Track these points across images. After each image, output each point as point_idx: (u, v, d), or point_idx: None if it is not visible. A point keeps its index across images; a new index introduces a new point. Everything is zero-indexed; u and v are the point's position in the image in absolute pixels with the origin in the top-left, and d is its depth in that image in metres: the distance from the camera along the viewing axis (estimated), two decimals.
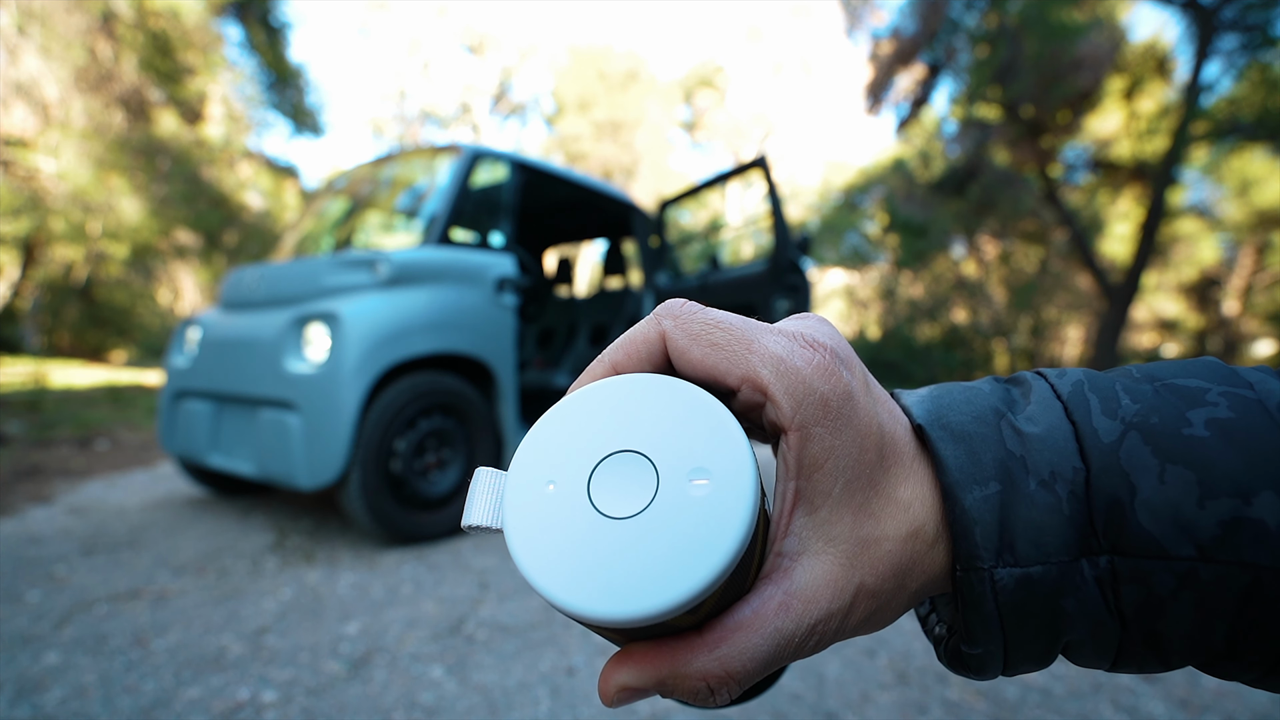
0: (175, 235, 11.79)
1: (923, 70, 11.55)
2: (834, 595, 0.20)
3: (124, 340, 14.76)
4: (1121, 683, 1.54)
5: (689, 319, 0.21)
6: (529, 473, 0.20)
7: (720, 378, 0.20)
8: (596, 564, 0.18)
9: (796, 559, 0.20)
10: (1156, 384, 0.21)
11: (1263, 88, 8.42)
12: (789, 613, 0.19)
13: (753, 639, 0.19)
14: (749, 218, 5.75)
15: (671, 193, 3.71)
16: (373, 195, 3.53)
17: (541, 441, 0.21)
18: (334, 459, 2.30)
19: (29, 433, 4.74)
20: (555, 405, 0.22)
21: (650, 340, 0.22)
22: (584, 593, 0.18)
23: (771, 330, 0.21)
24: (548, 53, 21.81)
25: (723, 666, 0.19)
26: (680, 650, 0.19)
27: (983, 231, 13.19)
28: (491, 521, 0.20)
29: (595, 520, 0.19)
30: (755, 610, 0.19)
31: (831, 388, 0.20)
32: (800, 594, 0.19)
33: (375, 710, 1.39)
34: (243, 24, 12.19)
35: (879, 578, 0.20)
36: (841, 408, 0.20)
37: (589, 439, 0.20)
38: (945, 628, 0.24)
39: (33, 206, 9.36)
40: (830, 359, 0.20)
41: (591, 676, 1.55)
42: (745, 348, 0.20)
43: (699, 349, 0.21)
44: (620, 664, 0.20)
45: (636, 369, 0.22)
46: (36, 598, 1.95)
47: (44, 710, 1.37)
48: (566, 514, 0.19)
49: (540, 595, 0.18)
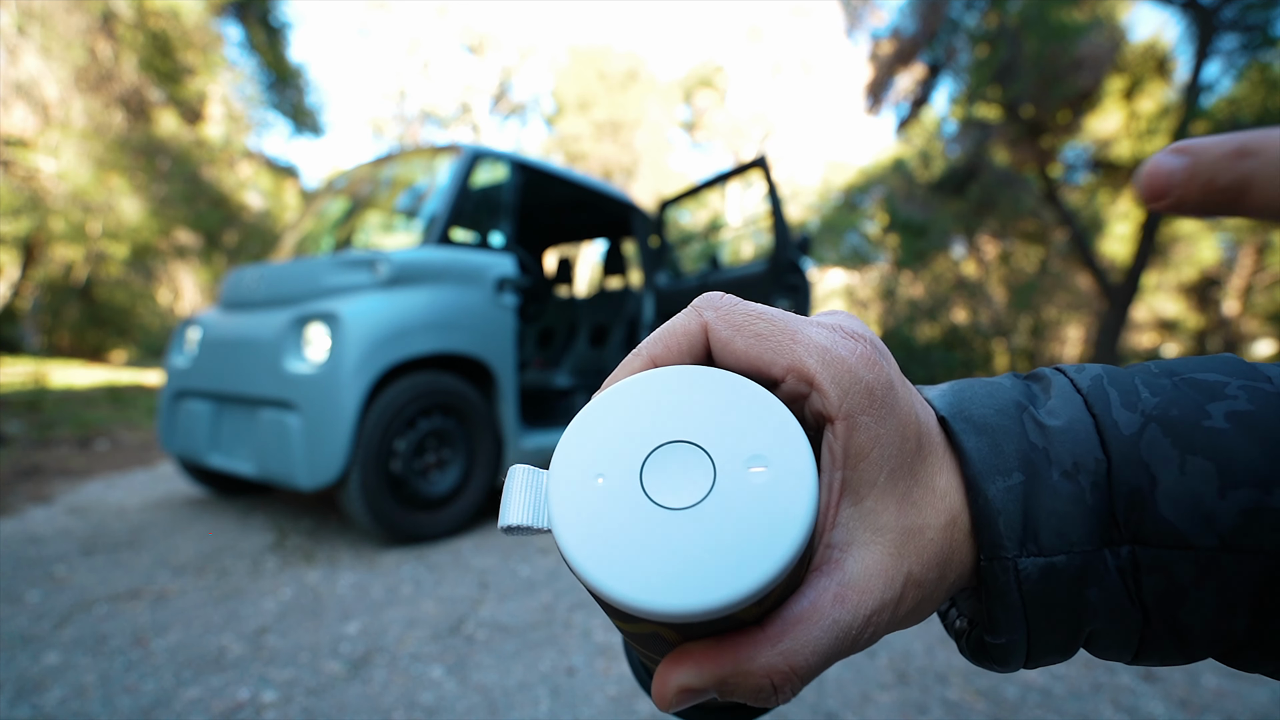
0: (175, 235, 11.80)
1: (923, 70, 11.55)
2: (885, 585, 0.19)
3: (124, 340, 14.77)
4: (1121, 683, 1.54)
5: (731, 310, 0.21)
6: (574, 467, 0.19)
7: (765, 368, 0.20)
8: (658, 556, 0.17)
9: (846, 550, 0.19)
10: (1175, 378, 0.21)
11: (1263, 88, 8.41)
12: (845, 604, 0.19)
13: (813, 631, 0.19)
14: (749, 218, 5.75)
15: (671, 193, 3.71)
16: (373, 195, 3.53)
17: (585, 435, 0.20)
18: (334, 459, 2.30)
19: (29, 433, 4.74)
20: (596, 399, 0.21)
21: (691, 332, 0.21)
22: (647, 586, 0.17)
23: (811, 322, 0.21)
24: (548, 53, 21.82)
25: (787, 661, 0.18)
26: (743, 646, 0.19)
27: (983, 231, 13.19)
28: (534, 520, 0.19)
29: (652, 512, 0.18)
30: (812, 603, 0.19)
31: (875, 376, 0.20)
32: (854, 585, 0.19)
33: (375, 710, 1.39)
34: (243, 24, 12.19)
35: (924, 566, 0.20)
36: (885, 396, 0.20)
37: (637, 431, 0.20)
38: (966, 621, 0.24)
39: (33, 206, 9.36)
40: (871, 349, 0.20)
41: (592, 676, 1.55)
42: (790, 338, 0.20)
43: (743, 340, 0.21)
44: (678, 664, 0.19)
45: (676, 362, 0.21)
46: (36, 598, 1.95)
47: (44, 710, 1.37)
48: (620, 507, 0.18)
49: (597, 592, 0.18)
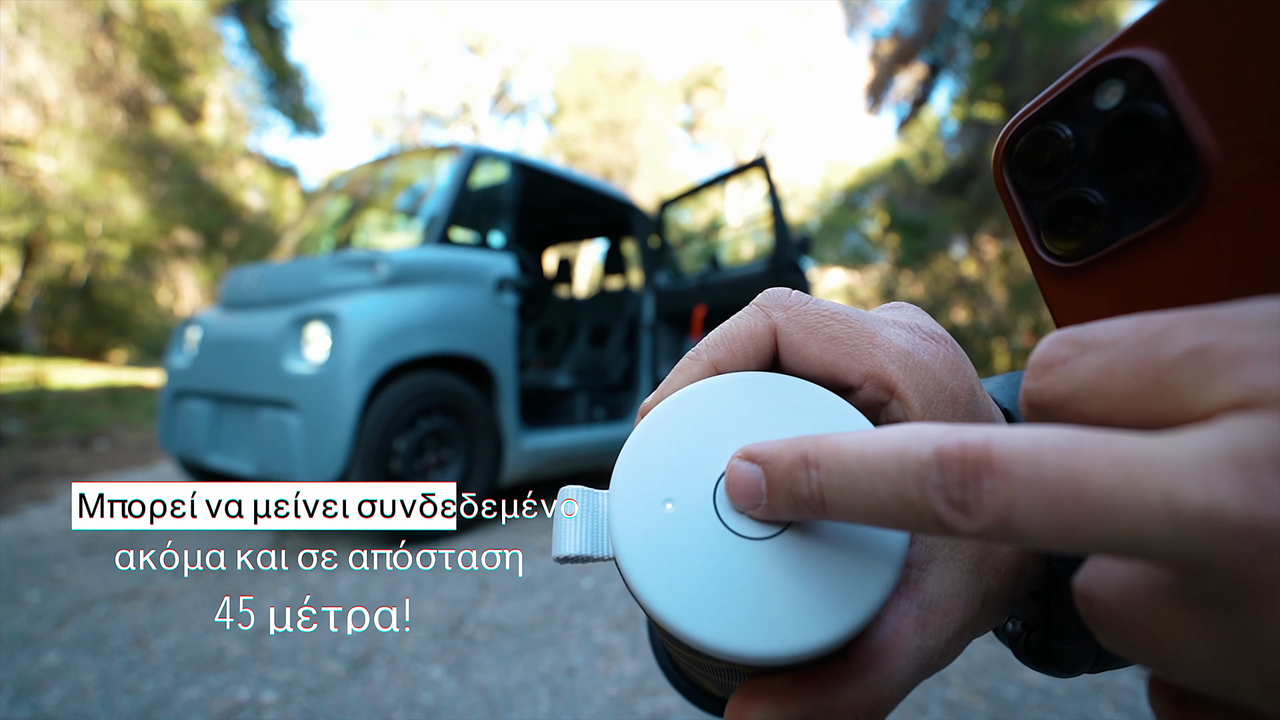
0: (175, 235, 11.80)
1: (923, 70, 11.56)
2: (966, 605, 0.18)
3: (124, 340, 14.76)
4: (1122, 683, 1.54)
5: (803, 310, 0.19)
6: (639, 490, 0.18)
7: (841, 375, 0.19)
8: (738, 593, 0.16)
9: (926, 568, 0.18)
10: None
11: None
12: (928, 629, 0.17)
13: (898, 662, 0.17)
14: (749, 218, 5.75)
15: (671, 193, 3.71)
16: (373, 195, 3.53)
17: (648, 453, 0.18)
18: (334, 459, 2.30)
19: (29, 433, 4.74)
20: (656, 411, 0.19)
21: (758, 335, 0.19)
22: (730, 627, 0.16)
23: (888, 321, 0.20)
24: (548, 53, 21.83)
25: (871, 696, 0.17)
26: (825, 682, 0.17)
27: (983, 231, 13.18)
28: (594, 549, 0.18)
29: (729, 542, 0.17)
30: (895, 629, 0.17)
31: (959, 383, 0.18)
32: (936, 607, 0.18)
33: (375, 710, 1.39)
34: (243, 24, 12.19)
35: (1002, 581, 0.19)
36: (969, 404, 0.18)
37: (706, 449, 0.18)
38: (1020, 624, 0.23)
39: (33, 206, 9.36)
40: (954, 353, 0.19)
41: (592, 676, 1.55)
42: (868, 341, 0.18)
43: (817, 344, 0.19)
44: (754, 700, 0.18)
45: (741, 368, 0.20)
46: (36, 598, 1.95)
47: (44, 710, 1.37)
48: (693, 536, 0.17)
49: (675, 633, 0.16)
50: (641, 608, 0.17)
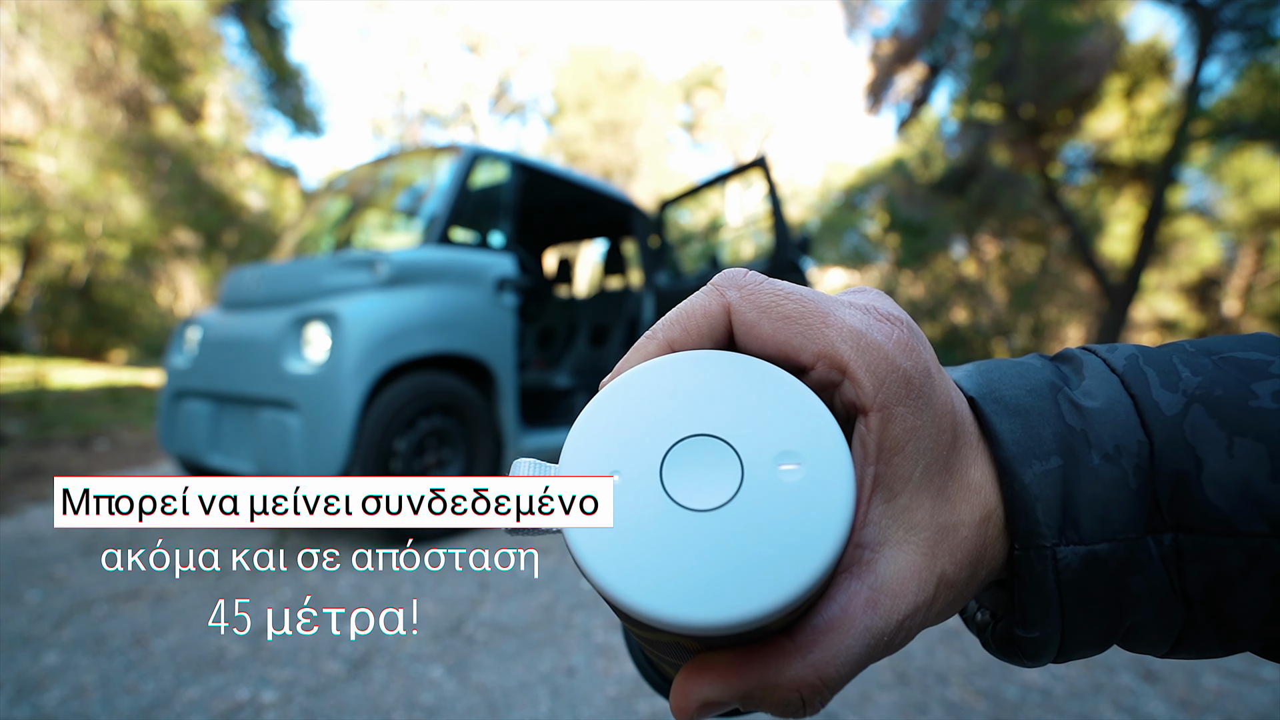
0: (175, 235, 11.79)
1: (923, 70, 11.55)
2: (919, 588, 0.18)
3: (124, 340, 14.76)
4: (1122, 683, 1.54)
5: (757, 289, 0.19)
6: (587, 463, 0.18)
7: (793, 354, 0.19)
8: (681, 564, 0.16)
9: (878, 550, 0.18)
10: (1215, 357, 0.20)
11: (1263, 87, 8.41)
12: (877, 610, 0.18)
13: (845, 640, 0.17)
14: (749, 218, 5.75)
15: (671, 193, 3.71)
16: (373, 195, 3.53)
17: (598, 427, 0.18)
18: (334, 459, 2.30)
19: (29, 433, 4.74)
20: (608, 387, 0.19)
21: (711, 314, 0.20)
22: (671, 597, 0.16)
23: (843, 302, 0.20)
24: (547, 52, 21.81)
25: (817, 674, 0.17)
26: (769, 657, 0.17)
27: (983, 231, 13.18)
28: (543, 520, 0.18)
29: (674, 514, 0.17)
30: (843, 609, 0.17)
31: (913, 364, 0.18)
32: (886, 588, 0.18)
33: (375, 710, 1.39)
34: (243, 24, 12.18)
35: (958, 566, 0.19)
36: (923, 386, 0.18)
37: (655, 423, 0.18)
38: (989, 614, 0.23)
39: (33, 206, 9.35)
40: (909, 334, 0.19)
41: (592, 676, 1.55)
42: (821, 321, 0.18)
43: (769, 323, 0.19)
44: (699, 675, 0.18)
45: (695, 346, 0.20)
46: (36, 598, 1.95)
47: (44, 710, 1.37)
48: (638, 508, 0.17)
49: (615, 602, 0.16)
50: (585, 577, 0.17)
